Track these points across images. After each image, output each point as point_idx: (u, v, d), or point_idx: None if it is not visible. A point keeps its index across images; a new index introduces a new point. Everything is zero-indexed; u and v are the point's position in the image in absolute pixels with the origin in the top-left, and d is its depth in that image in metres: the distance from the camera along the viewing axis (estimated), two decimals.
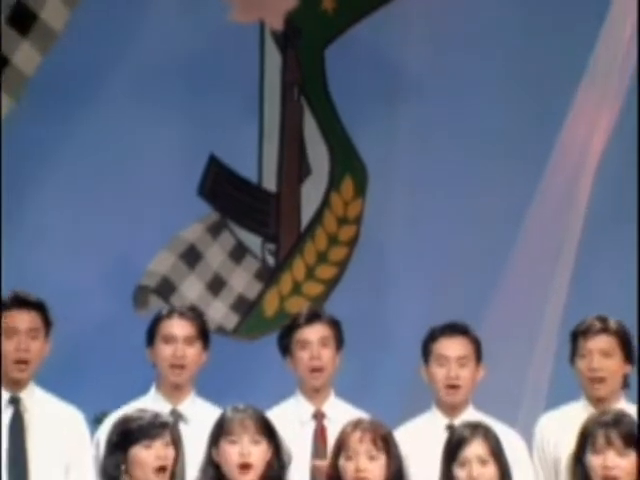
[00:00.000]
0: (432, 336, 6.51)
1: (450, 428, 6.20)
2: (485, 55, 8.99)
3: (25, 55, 8.47)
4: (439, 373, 6.44)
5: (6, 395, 6.25)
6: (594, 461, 5.67)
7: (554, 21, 8.74)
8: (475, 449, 5.82)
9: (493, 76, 8.96)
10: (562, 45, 8.61)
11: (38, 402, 6.32)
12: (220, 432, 5.89)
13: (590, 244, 8.53)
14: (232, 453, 5.83)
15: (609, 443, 5.69)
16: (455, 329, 6.53)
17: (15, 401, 6.26)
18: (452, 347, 6.50)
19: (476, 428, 5.92)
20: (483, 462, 5.78)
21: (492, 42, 9.04)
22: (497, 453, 5.82)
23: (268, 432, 5.89)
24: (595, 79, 8.42)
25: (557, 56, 8.60)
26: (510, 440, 6.16)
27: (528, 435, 6.64)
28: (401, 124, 9.17)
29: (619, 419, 5.83)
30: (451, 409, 6.47)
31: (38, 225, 8.33)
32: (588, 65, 8.46)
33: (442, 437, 6.06)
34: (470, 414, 6.41)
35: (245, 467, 5.80)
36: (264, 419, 5.93)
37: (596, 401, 6.41)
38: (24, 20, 8.47)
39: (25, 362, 6.25)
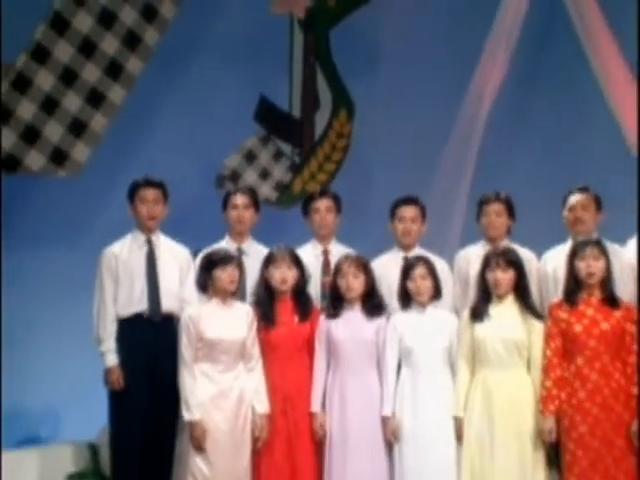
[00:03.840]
0: (395, 204, 6.56)
1: (405, 259, 6.29)
2: (433, 36, 8.90)
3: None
4: (399, 227, 6.52)
5: (143, 237, 6.37)
6: (490, 276, 5.90)
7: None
8: (419, 270, 5.99)
9: (437, 46, 8.83)
10: (480, 16, 8.29)
11: (163, 242, 6.45)
12: (269, 261, 6.07)
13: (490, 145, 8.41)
14: (276, 274, 6.02)
15: (497, 264, 5.88)
16: (409, 200, 6.58)
17: (149, 241, 6.39)
18: (407, 211, 6.52)
19: (420, 258, 6.11)
20: (423, 278, 5.98)
21: (439, 25, 8.92)
22: (433, 274, 6.00)
23: (297, 262, 6.08)
24: (495, 42, 8.16)
25: (478, 24, 8.30)
26: (439, 265, 6.26)
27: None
28: (378, 76, 9.14)
29: (504, 251, 6.00)
30: (406, 248, 6.50)
31: (159, 140, 8.17)
32: (493, 28, 8.21)
33: (400, 263, 6.25)
34: (417, 251, 6.44)
35: (283, 282, 6.02)
36: (295, 254, 6.12)
37: (490, 241, 6.47)
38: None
39: (153, 218, 6.38)
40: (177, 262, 6.44)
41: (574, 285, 5.86)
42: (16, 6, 7.15)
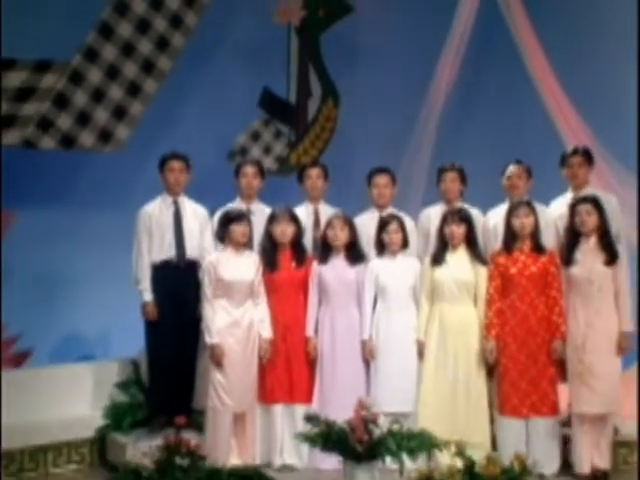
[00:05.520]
0: (371, 173, 6.59)
1: (381, 217, 6.32)
2: (402, 39, 8.67)
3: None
4: (375, 191, 6.55)
5: (170, 199, 6.44)
6: (447, 230, 6.00)
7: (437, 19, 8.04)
8: (392, 226, 6.09)
9: (406, 47, 8.59)
10: (440, 23, 7.68)
11: (187, 203, 6.51)
12: (272, 218, 6.16)
13: (447, 127, 7.96)
14: (278, 229, 6.11)
15: (453, 221, 6.00)
16: (382, 169, 6.58)
17: (175, 202, 6.45)
18: (380, 178, 6.55)
19: (393, 216, 6.19)
20: (396, 232, 6.09)
21: (407, 30, 8.66)
22: (403, 228, 6.10)
23: (295, 219, 6.17)
24: (450, 45, 7.80)
25: (439, 29, 7.64)
26: (407, 222, 6.31)
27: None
28: (358, 72, 9.00)
29: (458, 210, 6.09)
30: (381, 208, 6.53)
31: (184, 123, 7.86)
32: (450, 37, 7.60)
33: (376, 220, 6.32)
34: (390, 210, 6.46)
35: (283, 235, 6.09)
36: (293, 212, 6.22)
37: (447, 203, 6.50)
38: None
39: (179, 184, 6.46)
40: (198, 219, 6.50)
41: (510, 237, 5.99)
42: (72, 17, 7.14)
